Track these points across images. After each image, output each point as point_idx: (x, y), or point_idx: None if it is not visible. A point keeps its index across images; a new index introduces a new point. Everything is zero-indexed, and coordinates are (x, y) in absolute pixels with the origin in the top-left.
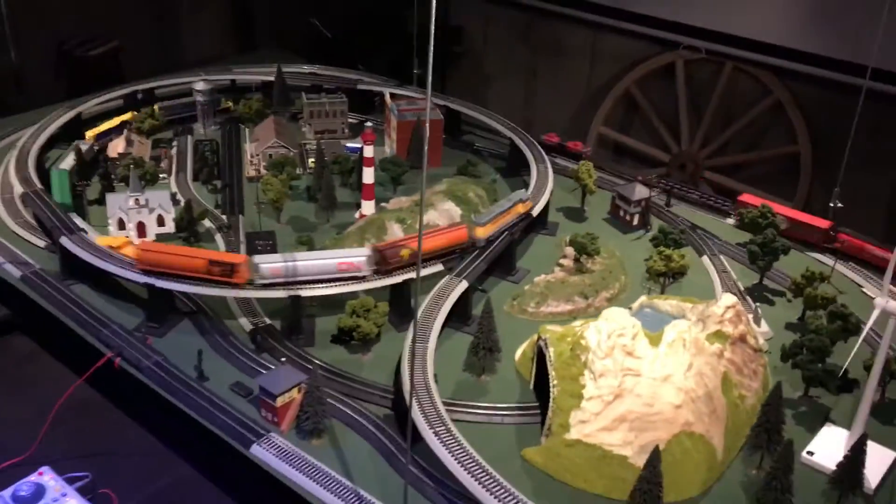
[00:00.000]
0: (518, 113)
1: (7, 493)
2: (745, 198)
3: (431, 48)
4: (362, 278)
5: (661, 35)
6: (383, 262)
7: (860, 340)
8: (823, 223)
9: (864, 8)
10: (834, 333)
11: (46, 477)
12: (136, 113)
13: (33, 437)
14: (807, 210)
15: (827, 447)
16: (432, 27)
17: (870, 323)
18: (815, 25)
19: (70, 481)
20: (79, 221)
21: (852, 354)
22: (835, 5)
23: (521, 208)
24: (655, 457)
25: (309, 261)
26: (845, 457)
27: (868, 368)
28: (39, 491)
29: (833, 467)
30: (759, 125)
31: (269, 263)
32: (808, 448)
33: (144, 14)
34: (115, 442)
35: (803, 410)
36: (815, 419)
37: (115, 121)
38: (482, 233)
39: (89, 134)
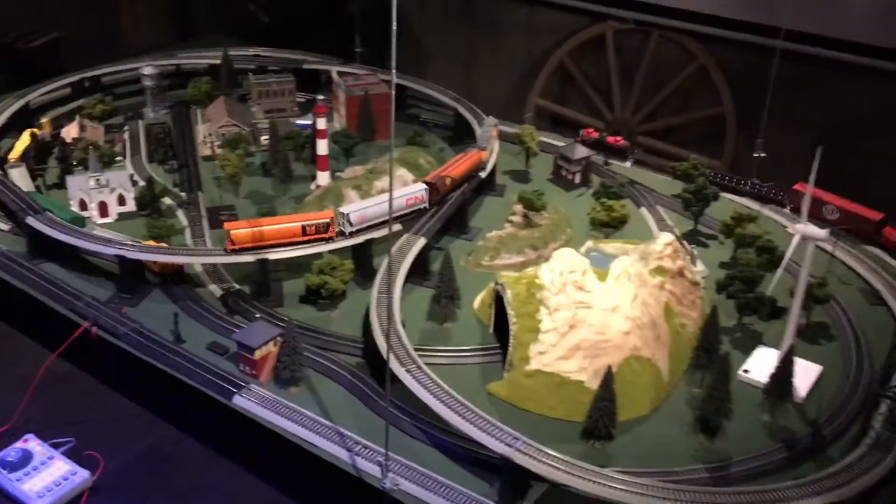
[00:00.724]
0: (460, 89)
1: None
2: (799, 187)
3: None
4: (424, 209)
5: (591, 7)
6: (436, 192)
7: (782, 267)
8: (874, 215)
9: None
10: (762, 266)
11: (32, 443)
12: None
13: (13, 410)
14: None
15: (760, 365)
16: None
17: (790, 250)
18: None
19: (55, 446)
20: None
21: (776, 280)
22: None
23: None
24: (609, 377)
25: (383, 203)
26: (776, 369)
27: (791, 294)
28: (26, 456)
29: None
30: (686, 90)
31: (355, 211)
32: (744, 367)
33: (82, 6)
34: (96, 409)
35: (738, 336)
36: (750, 343)
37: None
38: (484, 156)
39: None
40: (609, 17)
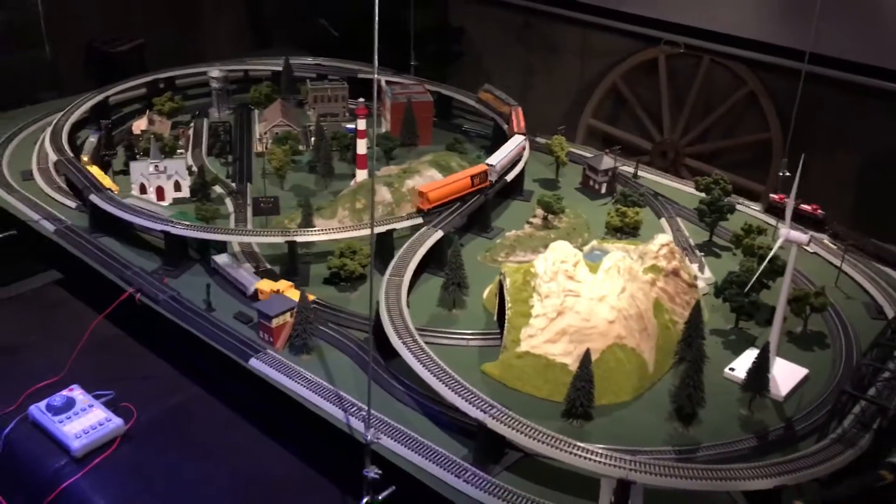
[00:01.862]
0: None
1: (42, 404)
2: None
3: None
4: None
5: (644, 32)
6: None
7: (764, 264)
8: None
9: (826, 4)
10: (764, 274)
11: (76, 392)
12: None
13: (64, 365)
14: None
15: (747, 365)
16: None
17: (773, 250)
18: (781, 19)
19: (96, 397)
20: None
21: (756, 274)
22: (798, 1)
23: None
24: (587, 359)
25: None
26: (752, 364)
27: (791, 301)
28: (70, 402)
29: None
30: (734, 114)
31: (498, 161)
32: (731, 365)
33: (167, 17)
34: (135, 369)
35: (733, 338)
36: (743, 345)
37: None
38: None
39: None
40: (661, 42)
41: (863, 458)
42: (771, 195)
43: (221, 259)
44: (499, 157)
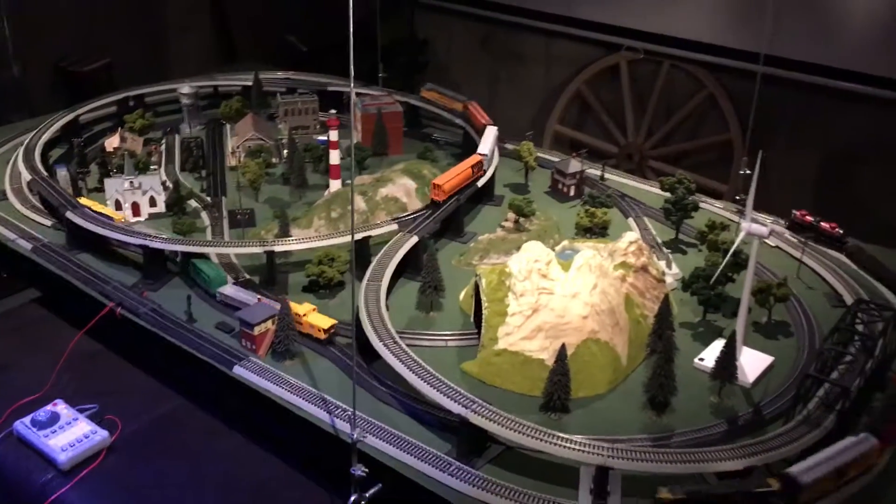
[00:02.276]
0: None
1: (27, 419)
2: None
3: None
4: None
5: (605, 39)
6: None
7: (728, 257)
8: None
9: (779, 7)
10: (728, 267)
11: (60, 407)
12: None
13: (46, 381)
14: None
15: (715, 354)
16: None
17: (736, 243)
18: (737, 23)
19: (80, 411)
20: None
21: (721, 267)
22: (751, 3)
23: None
24: (563, 353)
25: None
26: (720, 353)
27: (755, 293)
28: (54, 417)
29: None
30: (695, 116)
31: (488, 149)
32: (700, 356)
33: (133, 36)
34: (118, 382)
35: (701, 330)
36: (711, 336)
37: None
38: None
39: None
40: (623, 48)
41: (828, 438)
42: (794, 212)
43: (227, 290)
44: (487, 147)
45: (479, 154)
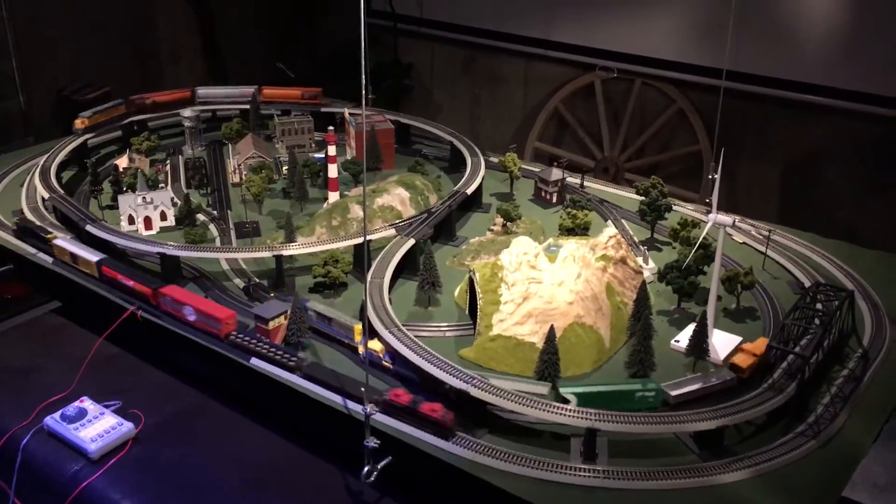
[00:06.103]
0: (466, 134)
1: (56, 414)
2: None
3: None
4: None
5: (580, 59)
6: None
7: (697, 244)
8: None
9: (739, 25)
10: (699, 259)
11: (87, 403)
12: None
13: (71, 382)
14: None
15: (689, 336)
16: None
17: (702, 235)
18: (701, 41)
19: (105, 407)
20: None
21: (690, 258)
22: (715, 23)
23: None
24: (551, 334)
25: None
26: (693, 332)
27: (724, 281)
28: (82, 412)
29: None
30: (667, 130)
31: None
32: (676, 338)
33: (130, 65)
34: (139, 381)
35: (676, 317)
36: (685, 322)
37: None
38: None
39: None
40: (597, 68)
41: (790, 402)
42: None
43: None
44: None
45: None
